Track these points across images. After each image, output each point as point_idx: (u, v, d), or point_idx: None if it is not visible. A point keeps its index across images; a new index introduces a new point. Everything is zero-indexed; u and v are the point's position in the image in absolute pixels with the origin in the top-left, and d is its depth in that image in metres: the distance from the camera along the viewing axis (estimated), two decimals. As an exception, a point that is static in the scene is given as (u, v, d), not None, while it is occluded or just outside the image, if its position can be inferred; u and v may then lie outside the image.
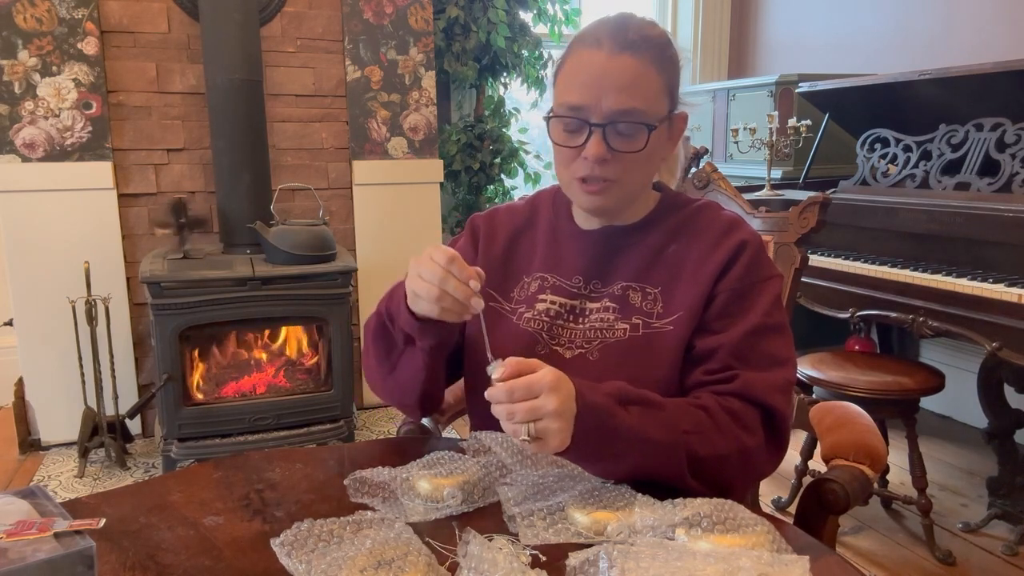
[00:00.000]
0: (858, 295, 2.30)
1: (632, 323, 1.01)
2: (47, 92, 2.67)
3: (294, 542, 0.76)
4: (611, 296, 1.04)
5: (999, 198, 2.09)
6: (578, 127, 0.97)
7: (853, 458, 1.04)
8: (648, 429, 0.85)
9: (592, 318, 1.03)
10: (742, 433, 0.91)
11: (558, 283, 1.07)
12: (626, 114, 0.95)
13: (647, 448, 0.85)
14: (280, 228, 2.59)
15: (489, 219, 1.17)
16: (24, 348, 2.75)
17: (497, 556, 0.70)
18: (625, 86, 0.94)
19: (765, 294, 0.99)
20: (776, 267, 1.04)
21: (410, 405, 1.09)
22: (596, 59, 0.95)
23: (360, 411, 3.18)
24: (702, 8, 4.17)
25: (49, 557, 0.62)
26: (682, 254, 1.03)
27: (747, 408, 0.92)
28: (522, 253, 1.12)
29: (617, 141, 0.96)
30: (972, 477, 2.61)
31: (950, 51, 3.01)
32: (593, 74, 0.95)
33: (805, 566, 0.69)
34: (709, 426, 0.89)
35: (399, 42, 3.10)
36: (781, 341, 0.98)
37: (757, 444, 0.92)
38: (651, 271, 1.03)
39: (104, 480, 2.59)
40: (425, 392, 1.05)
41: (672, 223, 1.06)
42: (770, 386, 0.93)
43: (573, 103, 0.96)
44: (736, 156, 3.33)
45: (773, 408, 0.93)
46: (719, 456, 0.89)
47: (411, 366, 1.03)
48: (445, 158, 3.47)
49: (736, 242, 1.00)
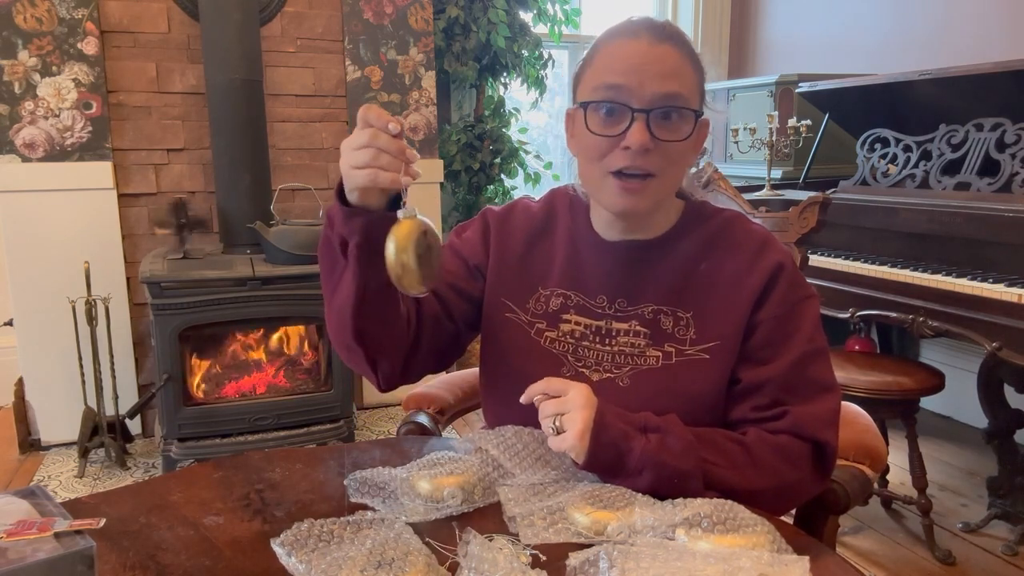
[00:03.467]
0: (858, 295, 2.30)
1: (665, 351, 0.98)
2: (47, 92, 2.67)
3: (294, 542, 0.76)
4: (641, 319, 1.00)
5: (999, 198, 2.09)
6: (619, 113, 0.91)
7: (853, 458, 1.04)
8: (664, 453, 0.86)
9: (620, 340, 1.00)
10: (785, 468, 0.91)
11: (582, 303, 1.03)
12: (672, 98, 0.90)
13: (662, 472, 0.86)
14: (280, 228, 2.59)
15: (504, 217, 1.11)
16: (24, 348, 2.75)
17: (497, 556, 0.70)
18: (669, 72, 0.90)
19: (807, 317, 0.97)
20: (810, 285, 1.01)
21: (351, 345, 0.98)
22: (637, 47, 0.91)
23: (360, 411, 3.18)
24: (702, 8, 4.17)
25: (49, 557, 0.62)
26: (714, 274, 0.98)
27: (795, 443, 0.92)
28: (538, 260, 1.07)
29: (661, 129, 0.91)
30: (972, 477, 2.61)
31: (950, 51, 3.01)
32: (634, 61, 0.90)
33: (805, 566, 0.69)
34: (746, 462, 0.90)
35: (399, 42, 3.10)
36: (826, 365, 0.97)
37: (799, 478, 0.92)
38: (682, 293, 0.99)
39: (104, 480, 2.59)
40: (363, 327, 0.95)
41: (700, 237, 1.01)
42: (820, 420, 0.93)
43: (613, 83, 0.91)
44: (736, 156, 3.33)
45: (824, 444, 0.92)
46: (752, 492, 0.88)
47: (345, 285, 0.93)
48: (445, 158, 3.47)
49: (772, 264, 0.96)
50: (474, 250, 1.10)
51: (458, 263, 1.10)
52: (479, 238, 1.11)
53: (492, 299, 1.07)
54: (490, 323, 1.07)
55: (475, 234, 1.11)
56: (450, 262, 1.09)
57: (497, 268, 1.08)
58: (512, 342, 1.05)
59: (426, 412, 1.25)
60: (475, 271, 1.10)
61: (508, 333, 1.05)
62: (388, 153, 0.84)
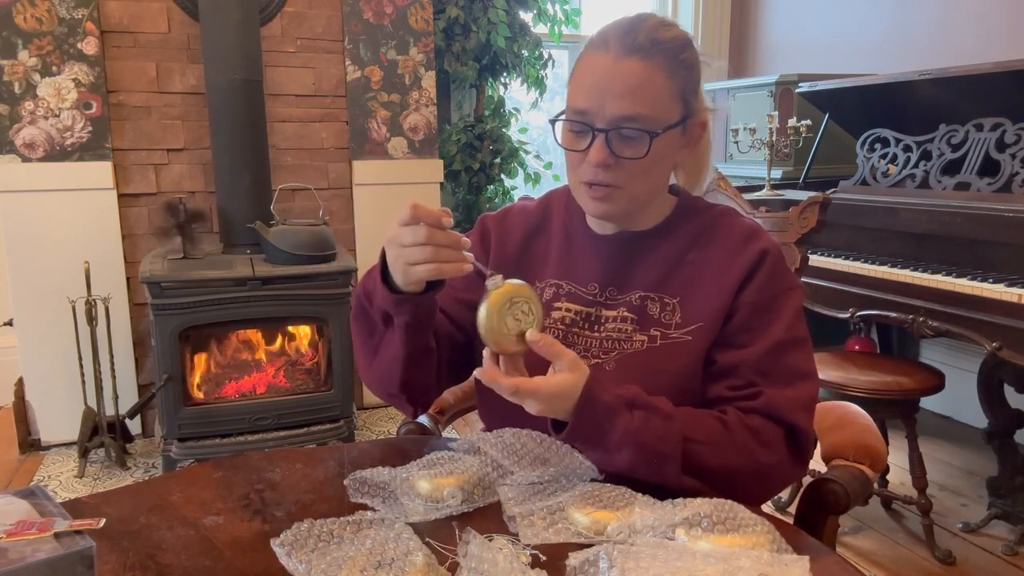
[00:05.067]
0: (858, 295, 2.30)
1: (650, 335, 1.00)
2: (47, 92, 2.67)
3: (294, 542, 0.76)
4: (628, 305, 1.02)
5: (999, 198, 2.09)
6: (583, 131, 0.96)
7: (853, 458, 1.04)
8: (645, 435, 0.87)
9: (609, 327, 1.02)
10: (760, 450, 0.91)
11: (573, 290, 1.06)
12: (629, 120, 0.93)
13: (642, 453, 0.87)
14: (280, 228, 2.59)
15: (501, 220, 1.15)
16: (24, 348, 2.75)
17: (497, 556, 0.70)
18: (629, 91, 0.93)
19: (788, 306, 0.98)
20: (796, 277, 1.02)
21: (395, 394, 1.05)
22: (602, 63, 0.94)
23: (360, 411, 3.18)
24: (702, 8, 4.17)
25: (49, 557, 0.62)
26: (701, 262, 1.01)
27: (769, 426, 0.92)
28: (535, 256, 1.11)
29: (621, 147, 0.95)
30: (972, 477, 2.61)
31: (950, 51, 3.01)
32: (598, 78, 0.94)
33: (805, 566, 0.69)
34: (723, 440, 0.90)
35: (399, 42, 3.10)
36: (803, 355, 0.97)
37: (776, 461, 0.92)
38: (669, 280, 1.02)
39: (104, 480, 2.59)
40: (408, 379, 1.02)
41: (690, 229, 1.04)
42: (794, 403, 0.93)
43: (578, 107, 0.95)
44: (736, 156, 3.33)
45: (796, 426, 0.92)
46: (728, 469, 0.89)
47: (391, 348, 1.00)
48: (445, 158, 3.47)
49: (757, 251, 0.99)
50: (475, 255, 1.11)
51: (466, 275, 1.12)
52: (477, 243, 1.13)
53: None
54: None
55: (475, 240, 1.14)
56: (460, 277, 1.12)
57: (497, 267, 1.09)
58: None
59: (426, 412, 1.25)
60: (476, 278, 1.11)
61: None
62: (448, 247, 0.88)
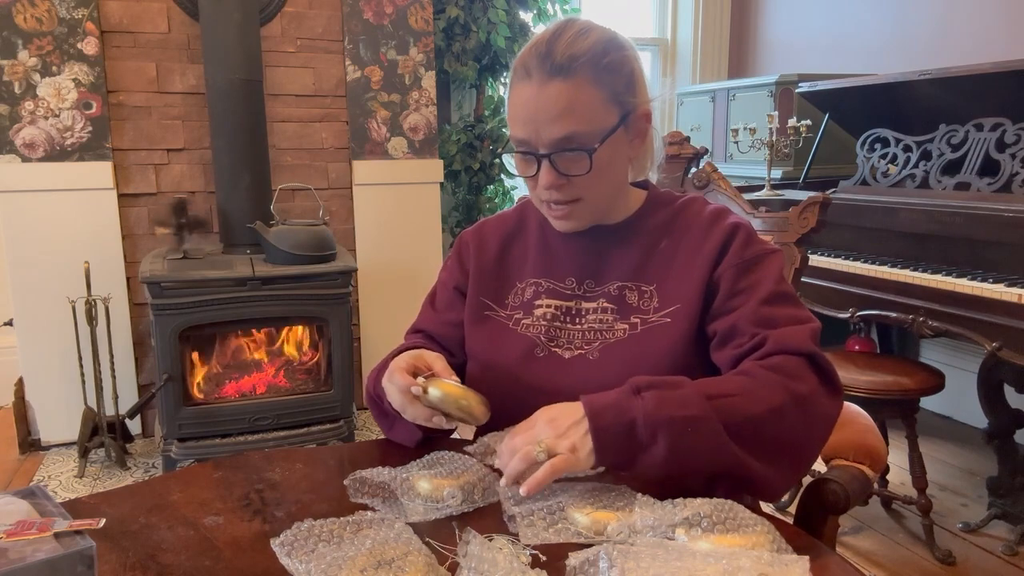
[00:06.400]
0: (858, 295, 2.30)
1: (631, 322, 1.02)
2: (47, 92, 2.67)
3: (294, 542, 0.76)
4: (607, 296, 1.05)
5: (999, 198, 2.09)
6: (528, 159, 0.99)
7: (853, 458, 1.04)
8: (665, 409, 0.82)
9: (590, 318, 1.04)
10: (791, 382, 0.88)
11: (552, 287, 1.08)
12: (566, 141, 0.95)
13: (673, 428, 0.82)
14: (280, 228, 2.59)
15: (477, 232, 1.18)
16: (24, 348, 2.75)
17: (497, 556, 0.70)
18: (559, 114, 0.94)
19: (769, 266, 0.99)
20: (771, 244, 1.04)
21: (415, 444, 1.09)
22: (528, 92, 0.96)
23: (360, 411, 3.18)
24: (702, 8, 4.17)
25: (49, 557, 0.62)
26: (674, 248, 1.04)
27: (789, 359, 0.90)
28: (514, 259, 1.14)
29: (566, 165, 0.97)
30: (972, 477, 2.61)
31: (950, 51, 3.01)
32: (527, 109, 0.96)
33: (805, 566, 0.69)
34: (752, 386, 0.87)
35: (399, 42, 3.10)
36: (797, 305, 0.98)
37: (811, 390, 0.89)
38: (645, 268, 1.04)
39: (104, 480, 2.59)
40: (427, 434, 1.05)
41: (660, 219, 1.08)
42: (802, 336, 0.92)
43: (519, 138, 0.98)
44: (736, 156, 3.33)
45: (813, 353, 0.91)
46: (773, 410, 0.85)
47: (407, 426, 1.03)
48: (445, 158, 3.47)
49: (728, 226, 1.01)
50: (454, 275, 1.17)
51: (450, 297, 1.16)
52: (456, 262, 1.17)
53: (473, 304, 1.12)
54: (471, 326, 1.12)
55: (453, 260, 1.18)
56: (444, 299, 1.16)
57: (477, 276, 1.13)
58: (490, 338, 1.09)
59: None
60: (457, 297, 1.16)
61: (487, 330, 1.10)
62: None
